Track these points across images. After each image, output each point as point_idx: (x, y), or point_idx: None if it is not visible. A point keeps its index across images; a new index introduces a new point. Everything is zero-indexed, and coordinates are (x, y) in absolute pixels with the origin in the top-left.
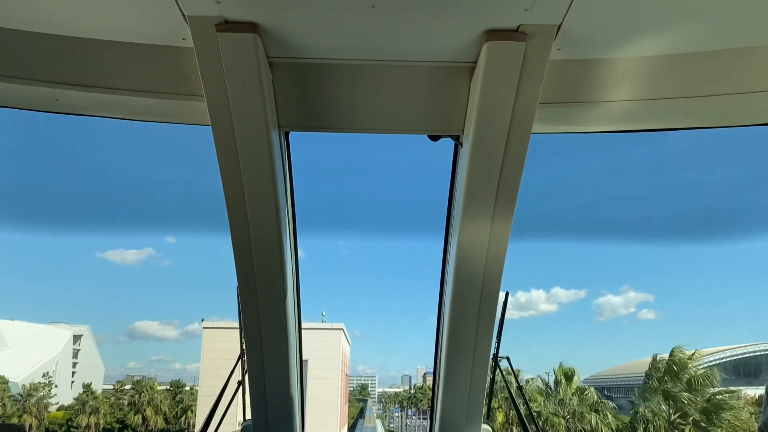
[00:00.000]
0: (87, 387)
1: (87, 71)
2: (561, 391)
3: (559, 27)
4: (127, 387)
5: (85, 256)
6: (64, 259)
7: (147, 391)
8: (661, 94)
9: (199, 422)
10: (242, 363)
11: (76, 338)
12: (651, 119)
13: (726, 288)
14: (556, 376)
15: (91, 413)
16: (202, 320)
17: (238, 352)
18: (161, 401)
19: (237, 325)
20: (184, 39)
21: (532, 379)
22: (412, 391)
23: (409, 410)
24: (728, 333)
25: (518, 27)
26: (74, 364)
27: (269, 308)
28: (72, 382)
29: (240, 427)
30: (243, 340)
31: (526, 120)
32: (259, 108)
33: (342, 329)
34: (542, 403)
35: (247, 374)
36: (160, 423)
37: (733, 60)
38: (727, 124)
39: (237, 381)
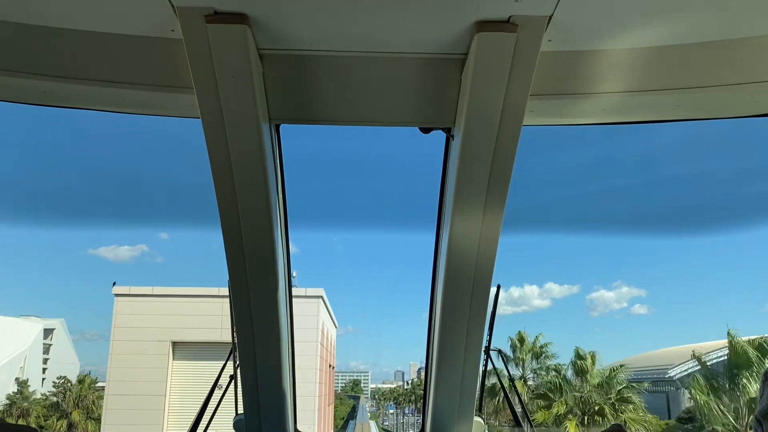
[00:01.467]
0: (22, 384)
1: (74, 63)
2: (744, 382)
3: (550, 18)
4: (74, 382)
5: (77, 253)
6: (55, 255)
7: (71, 389)
8: (653, 85)
9: None
10: (234, 357)
11: (48, 332)
12: (642, 111)
13: (721, 282)
14: (729, 357)
15: (20, 416)
16: (114, 284)
17: (161, 332)
18: (94, 401)
19: (161, 293)
20: (173, 30)
21: (621, 366)
22: (408, 386)
23: (406, 408)
24: (722, 329)
25: (509, 18)
26: (45, 360)
27: (261, 302)
28: (43, 378)
29: (232, 422)
30: (235, 333)
31: (517, 112)
32: (249, 100)
33: (321, 297)
34: (710, 397)
35: (239, 368)
36: (93, 429)
37: (725, 51)
38: (719, 115)
39: (229, 375)
